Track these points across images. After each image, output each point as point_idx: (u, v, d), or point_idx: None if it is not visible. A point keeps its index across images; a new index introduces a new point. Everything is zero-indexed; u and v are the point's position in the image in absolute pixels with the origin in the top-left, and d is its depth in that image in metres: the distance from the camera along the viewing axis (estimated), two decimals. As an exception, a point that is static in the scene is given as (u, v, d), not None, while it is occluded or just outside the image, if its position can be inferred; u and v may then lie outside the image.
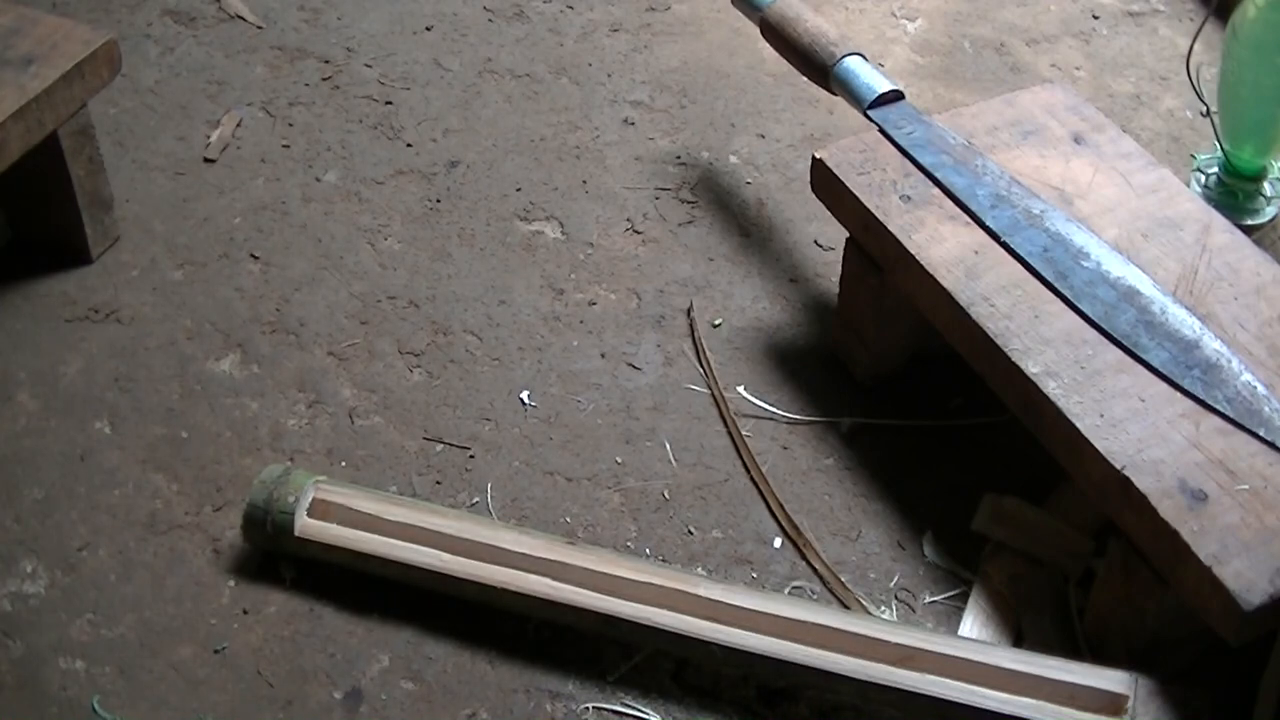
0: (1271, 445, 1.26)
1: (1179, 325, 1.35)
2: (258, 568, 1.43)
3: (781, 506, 1.49)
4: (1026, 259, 1.42)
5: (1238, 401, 1.29)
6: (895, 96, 1.58)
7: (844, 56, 1.61)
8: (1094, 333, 1.35)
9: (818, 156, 1.53)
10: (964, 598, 1.40)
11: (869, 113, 1.57)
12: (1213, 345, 1.33)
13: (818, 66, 1.63)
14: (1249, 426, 1.27)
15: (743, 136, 1.93)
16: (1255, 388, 1.30)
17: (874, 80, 1.59)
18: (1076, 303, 1.37)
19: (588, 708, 1.33)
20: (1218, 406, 1.29)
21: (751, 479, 1.52)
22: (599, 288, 1.72)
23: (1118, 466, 1.24)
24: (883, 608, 1.40)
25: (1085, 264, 1.41)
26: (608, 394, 1.61)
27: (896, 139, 1.53)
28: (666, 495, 1.51)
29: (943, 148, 1.52)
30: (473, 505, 1.49)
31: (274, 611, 1.39)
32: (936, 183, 1.49)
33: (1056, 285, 1.39)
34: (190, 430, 1.55)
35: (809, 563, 1.44)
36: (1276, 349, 1.35)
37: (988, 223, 1.45)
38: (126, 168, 1.86)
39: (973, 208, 1.47)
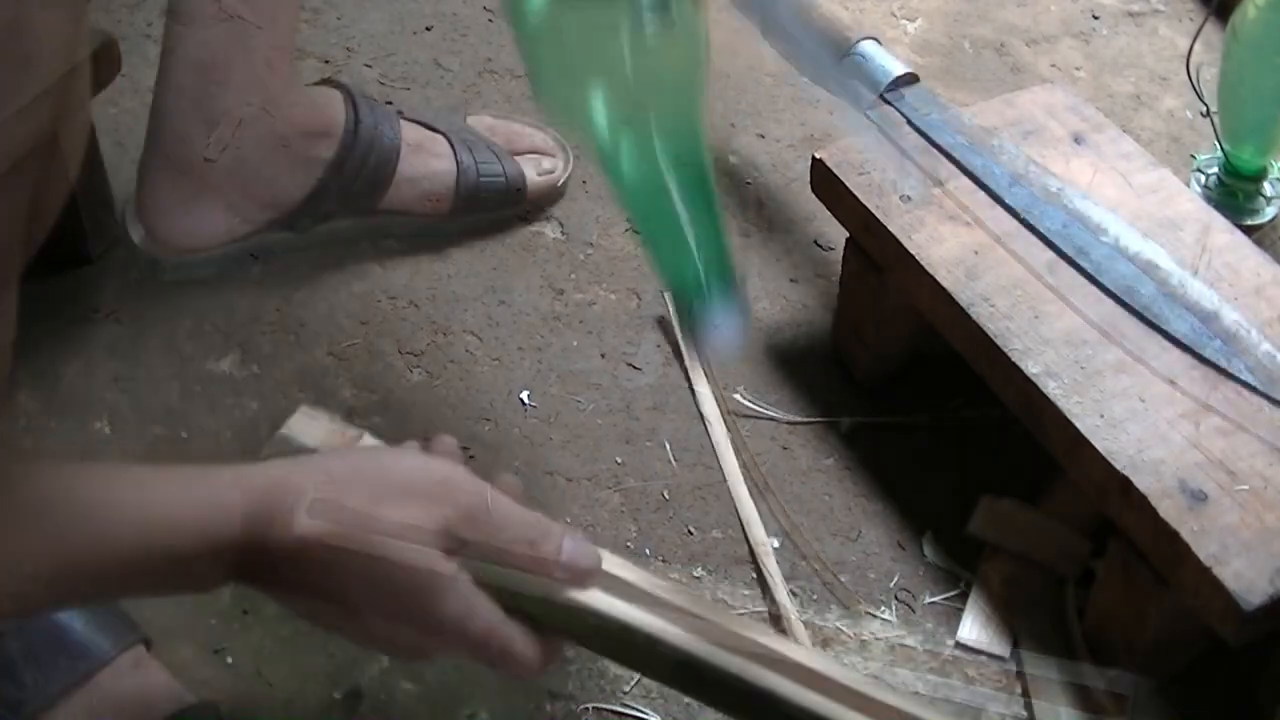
0: None
1: (1198, 297, 1.36)
2: (258, 568, 1.42)
3: (781, 506, 1.49)
4: (1046, 235, 1.42)
5: (1259, 370, 1.29)
6: (910, 80, 1.58)
7: (859, 42, 1.60)
8: (1094, 333, 1.35)
9: (818, 156, 1.53)
10: (964, 598, 1.40)
11: (884, 96, 1.56)
12: (1232, 315, 1.35)
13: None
14: (1271, 395, 1.27)
15: (743, 136, 1.93)
16: (1275, 356, 1.31)
17: (889, 64, 1.58)
18: (1098, 277, 1.38)
19: (588, 708, 1.33)
20: (1240, 375, 1.29)
21: (751, 479, 1.52)
22: (599, 288, 1.72)
23: (1118, 467, 1.24)
24: (883, 608, 1.40)
25: (1103, 239, 1.42)
26: (608, 394, 1.61)
27: (914, 120, 1.53)
28: (666, 495, 1.51)
29: (958, 129, 1.52)
30: (473, 505, 1.49)
31: (274, 611, 1.39)
32: (956, 164, 1.49)
33: (1077, 260, 1.39)
34: (190, 430, 1.55)
35: (809, 563, 1.44)
36: (1277, 349, 1.35)
37: (1007, 201, 1.45)
38: (126, 168, 1.85)
39: (991, 186, 1.47)
